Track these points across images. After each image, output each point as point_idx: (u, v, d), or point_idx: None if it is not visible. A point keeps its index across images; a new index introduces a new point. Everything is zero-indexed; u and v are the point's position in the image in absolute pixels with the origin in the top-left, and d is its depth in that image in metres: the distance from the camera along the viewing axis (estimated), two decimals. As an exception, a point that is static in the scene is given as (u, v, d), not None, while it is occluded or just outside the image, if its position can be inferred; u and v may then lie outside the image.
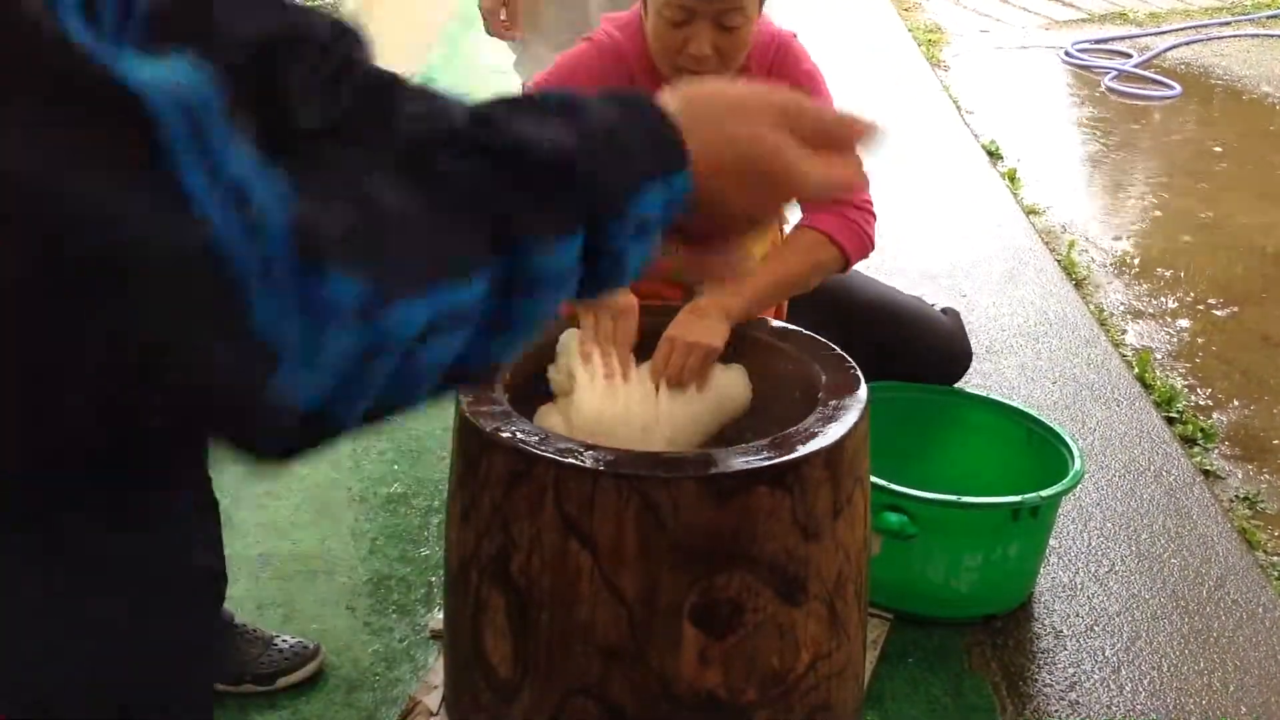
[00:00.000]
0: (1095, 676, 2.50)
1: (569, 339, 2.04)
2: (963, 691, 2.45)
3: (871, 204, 2.38)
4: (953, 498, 2.56)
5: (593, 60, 2.37)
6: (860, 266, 2.60)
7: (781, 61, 2.44)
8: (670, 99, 0.86)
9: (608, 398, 1.97)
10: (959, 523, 2.54)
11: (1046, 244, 4.71)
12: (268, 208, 0.64)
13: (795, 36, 2.50)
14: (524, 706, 1.81)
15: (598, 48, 2.40)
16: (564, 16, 3.21)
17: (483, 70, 6.77)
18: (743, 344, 2.12)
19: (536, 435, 1.76)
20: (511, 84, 6.38)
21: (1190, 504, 3.10)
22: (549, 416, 2.01)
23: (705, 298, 2.14)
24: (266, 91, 0.77)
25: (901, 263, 4.37)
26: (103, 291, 0.60)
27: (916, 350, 3.09)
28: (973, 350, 3.28)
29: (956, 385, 3.21)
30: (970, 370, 3.66)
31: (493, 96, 0.81)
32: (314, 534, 2.83)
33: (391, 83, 0.82)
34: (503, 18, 3.25)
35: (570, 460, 1.69)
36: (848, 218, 2.34)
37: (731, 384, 2.06)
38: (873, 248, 2.42)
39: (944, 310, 3.32)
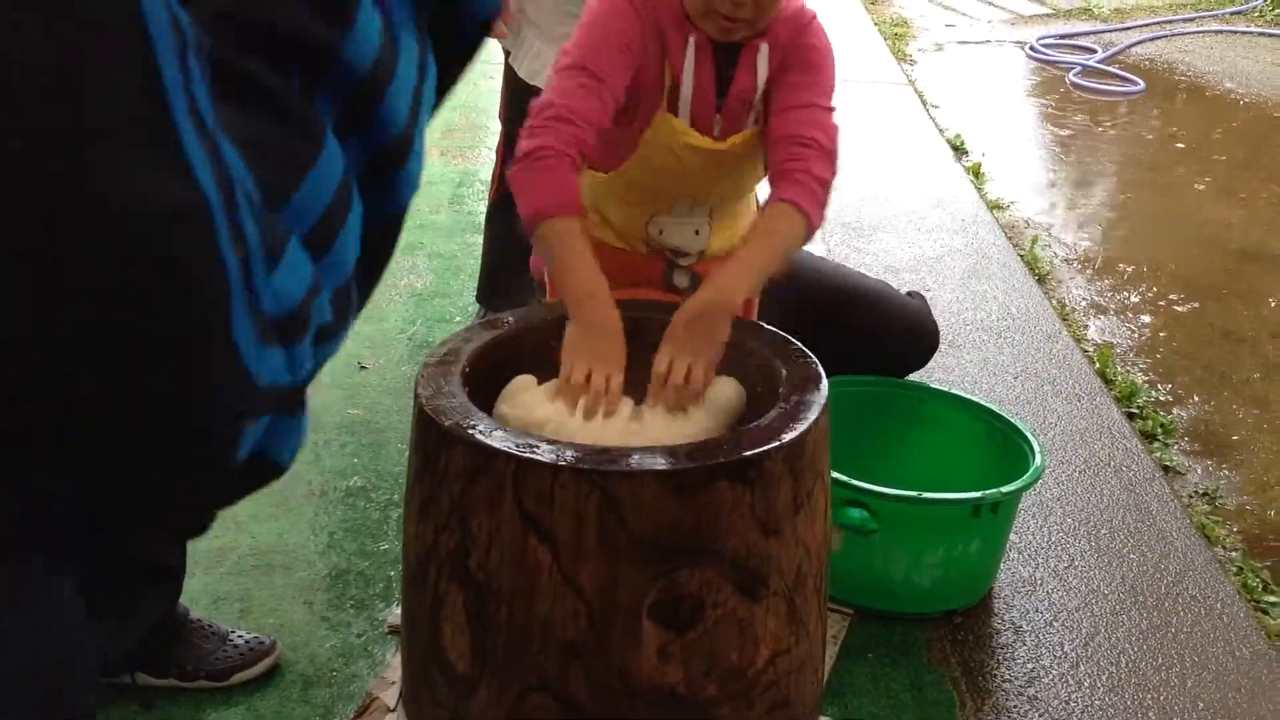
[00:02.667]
0: (1054, 671, 2.51)
1: (519, 388, 1.96)
2: (923, 686, 2.45)
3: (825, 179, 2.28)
4: (913, 494, 2.57)
5: (628, 17, 2.30)
6: (829, 256, 2.64)
7: (800, 34, 2.40)
8: None
9: (587, 431, 1.92)
10: (920, 518, 2.54)
11: (1010, 239, 4.73)
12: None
13: (817, 16, 2.47)
14: (482, 702, 1.80)
15: (630, 3, 2.31)
16: (562, 8, 3.20)
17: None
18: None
19: (496, 429, 1.74)
20: (474, 73, 6.35)
21: (1150, 499, 3.11)
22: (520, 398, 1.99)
23: (705, 290, 2.05)
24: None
25: (865, 257, 4.38)
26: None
27: (885, 334, 3.12)
28: (939, 333, 3.29)
29: (919, 379, 3.21)
30: (932, 365, 3.67)
31: None
32: (272, 528, 2.81)
33: None
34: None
35: (530, 455, 1.68)
36: (811, 188, 2.24)
37: (724, 396, 2.01)
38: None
39: (910, 294, 3.33)
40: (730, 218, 2.58)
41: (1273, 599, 2.80)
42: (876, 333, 3.10)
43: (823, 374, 1.92)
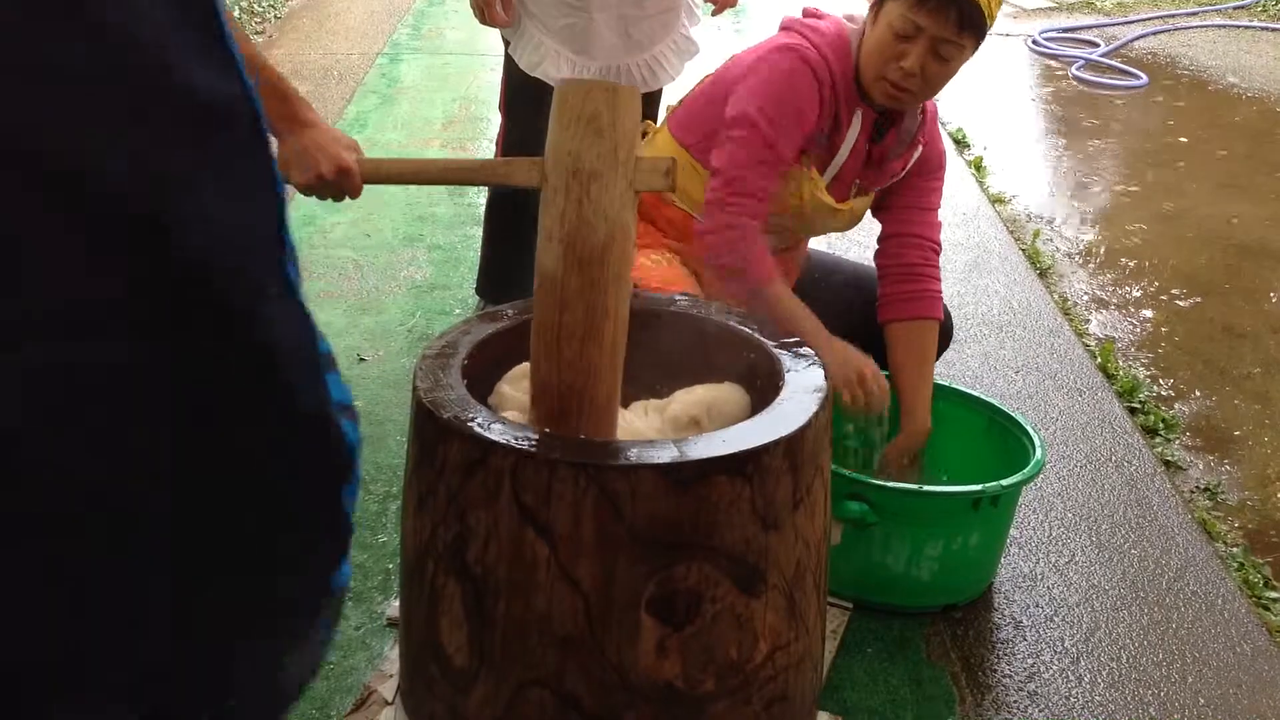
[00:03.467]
0: (1054, 667, 2.50)
1: (523, 373, 1.94)
2: (922, 681, 2.44)
3: None
4: (913, 486, 2.56)
5: (809, 87, 2.58)
6: (830, 250, 2.80)
7: (935, 136, 2.87)
8: None
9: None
10: (920, 512, 2.53)
11: (1012, 233, 4.71)
12: None
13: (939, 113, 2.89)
14: (479, 696, 1.79)
15: (812, 69, 2.57)
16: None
17: (450, 45, 6.74)
18: (707, 332, 2.10)
19: (494, 422, 1.74)
20: (474, 64, 6.34)
21: (1151, 495, 3.10)
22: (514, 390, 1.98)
23: (913, 429, 2.75)
24: None
25: (866, 251, 4.35)
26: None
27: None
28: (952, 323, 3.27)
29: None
30: (934, 359, 3.65)
31: None
32: (271, 519, 2.79)
33: None
34: (499, 8, 3.22)
35: (527, 448, 1.67)
36: (941, 297, 2.92)
37: (729, 402, 2.01)
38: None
39: None
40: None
41: (1274, 595, 2.80)
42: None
43: (823, 368, 1.91)
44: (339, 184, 2.16)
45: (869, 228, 3.13)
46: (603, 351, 1.78)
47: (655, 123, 3.51)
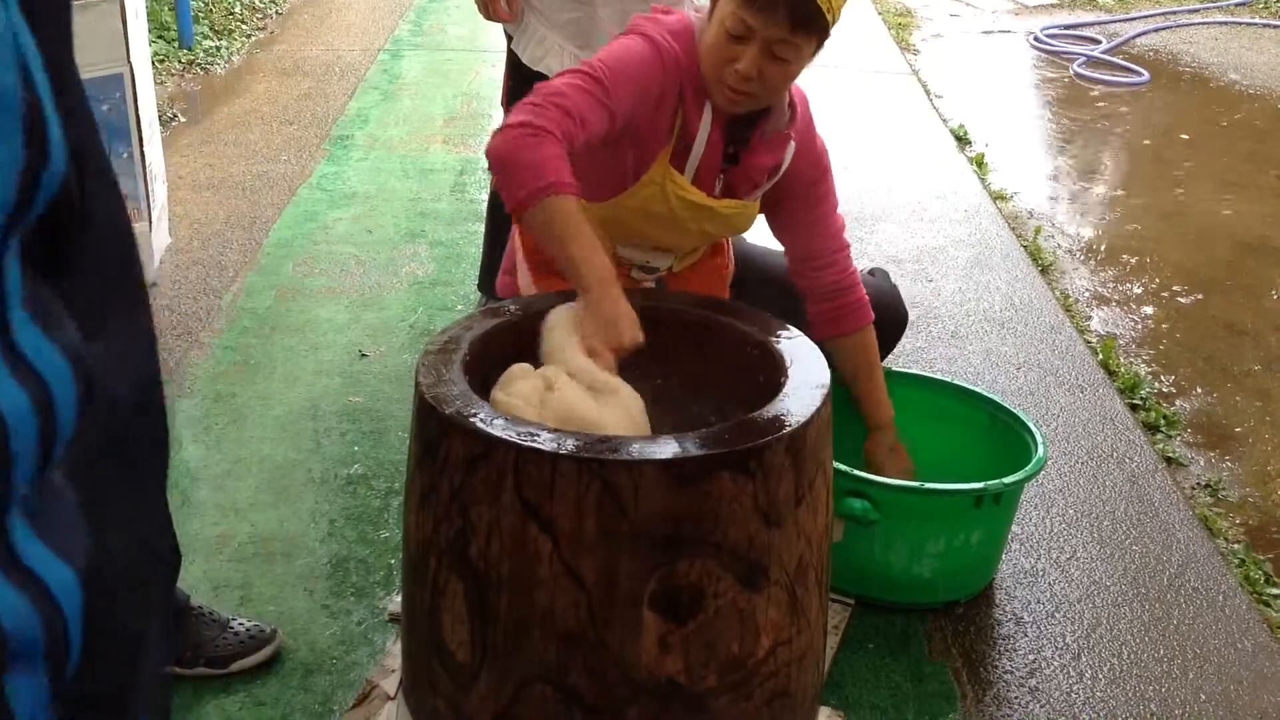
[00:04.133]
0: (1056, 663, 2.50)
1: (515, 375, 1.93)
2: (923, 677, 2.44)
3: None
4: (915, 484, 2.56)
5: (655, 67, 2.39)
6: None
7: (811, 133, 2.61)
8: None
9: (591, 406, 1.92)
10: (921, 509, 2.53)
11: (1013, 229, 4.71)
12: None
13: (809, 104, 2.65)
14: (482, 692, 1.79)
15: (660, 54, 2.40)
16: None
17: (451, 41, 6.74)
18: (709, 329, 2.10)
19: (496, 418, 1.74)
20: (476, 60, 6.34)
21: (1152, 491, 3.10)
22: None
23: (883, 426, 2.72)
24: None
25: (868, 247, 4.37)
26: None
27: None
28: (907, 312, 3.25)
29: (921, 370, 3.20)
30: (934, 355, 3.67)
31: None
32: (273, 515, 2.80)
33: None
34: (503, 3, 3.23)
35: (530, 443, 1.67)
36: (856, 300, 2.69)
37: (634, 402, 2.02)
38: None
39: (871, 272, 3.26)
40: (694, 254, 2.73)
41: (1275, 591, 2.80)
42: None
43: (826, 364, 1.92)
44: None
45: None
46: None
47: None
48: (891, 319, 3.04)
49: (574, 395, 1.88)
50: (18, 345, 0.63)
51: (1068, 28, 7.70)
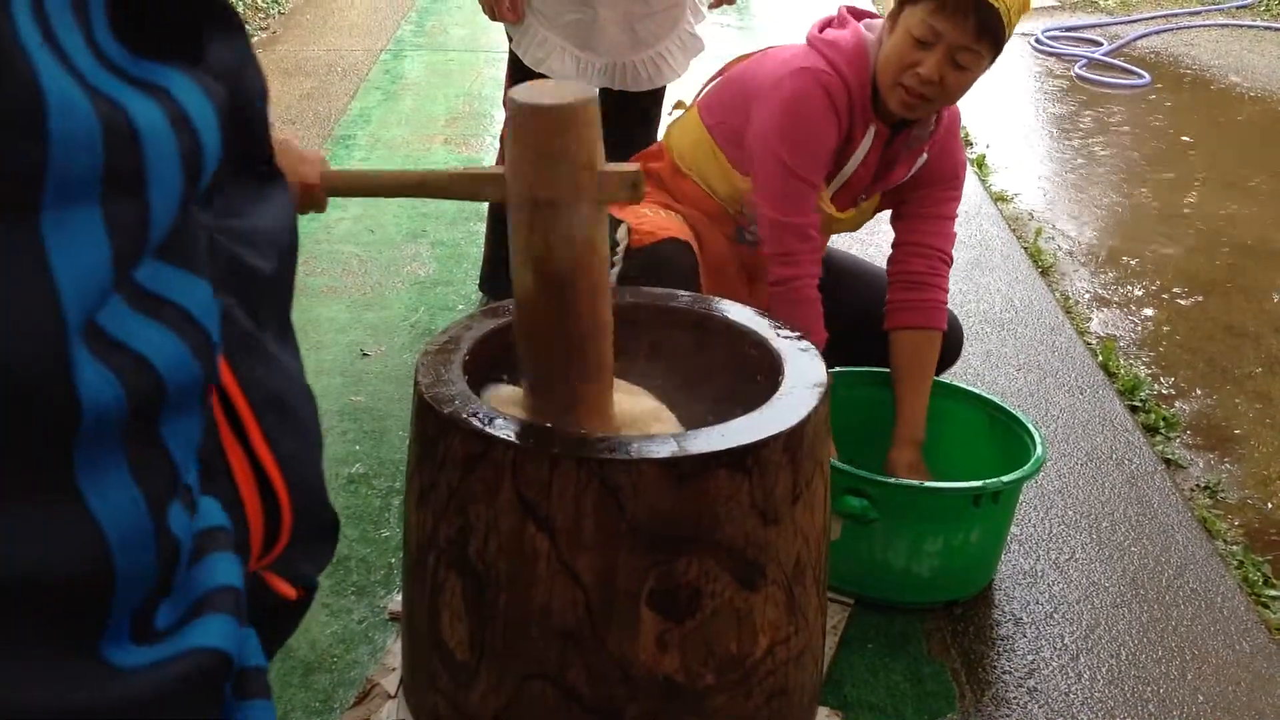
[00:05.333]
0: (1054, 664, 2.51)
1: (504, 398, 1.97)
2: (922, 677, 2.45)
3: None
4: (914, 483, 2.57)
5: (826, 106, 2.60)
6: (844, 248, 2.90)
7: (952, 142, 2.81)
8: None
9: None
10: (920, 508, 2.54)
11: (1014, 231, 4.72)
12: None
13: (960, 118, 2.86)
14: (481, 690, 1.80)
15: (828, 91, 2.59)
16: None
17: (453, 42, 6.74)
18: (707, 327, 2.11)
19: (495, 417, 1.74)
20: (478, 61, 6.34)
21: (1151, 492, 3.11)
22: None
23: (907, 436, 2.75)
24: None
25: (868, 248, 4.37)
26: None
27: None
28: (963, 340, 3.24)
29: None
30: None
31: None
32: (273, 514, 2.80)
33: None
34: (507, 4, 3.24)
35: (528, 442, 1.68)
36: (945, 309, 2.87)
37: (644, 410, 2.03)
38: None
39: None
40: None
41: (1273, 593, 2.80)
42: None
43: (823, 362, 1.92)
44: (302, 201, 2.11)
45: (882, 231, 3.14)
46: (586, 365, 1.78)
47: (658, 121, 3.53)
48: (952, 337, 3.10)
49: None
50: None
51: (1069, 30, 7.70)
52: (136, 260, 0.58)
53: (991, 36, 2.45)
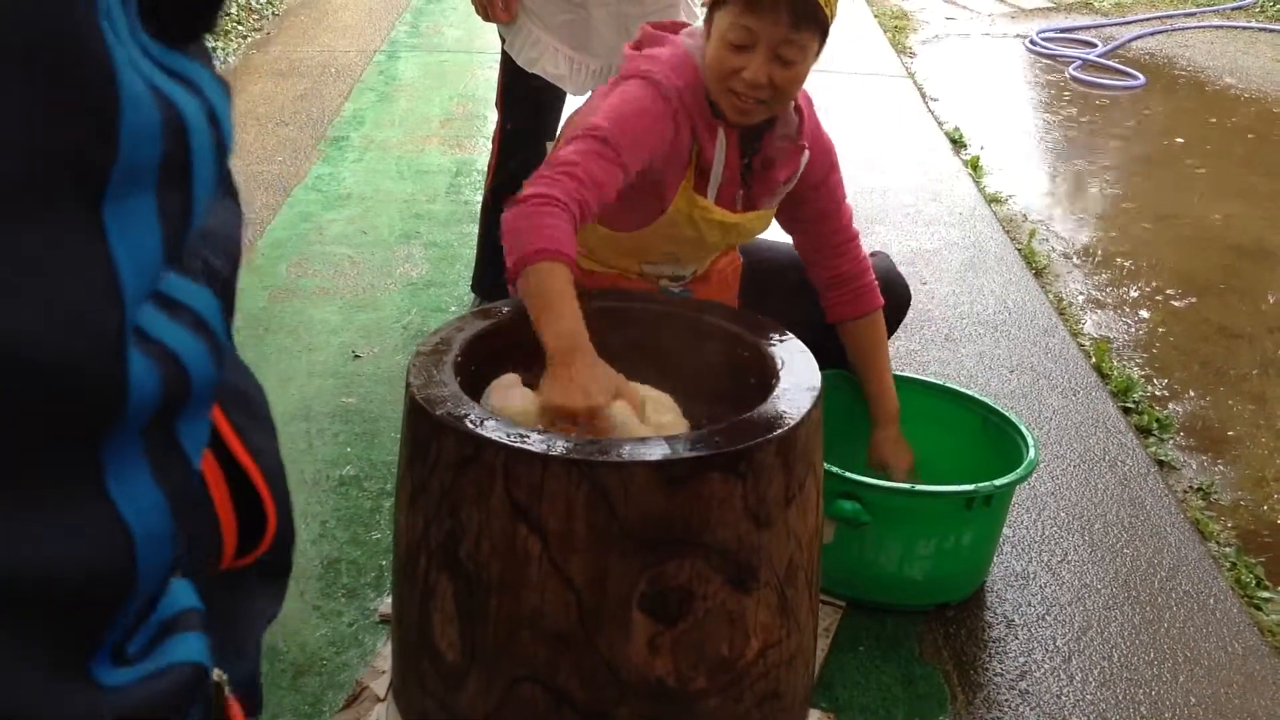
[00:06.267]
0: (1046, 666, 2.51)
1: (506, 384, 1.97)
2: (914, 680, 2.44)
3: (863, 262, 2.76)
4: (906, 485, 2.57)
5: (661, 110, 2.38)
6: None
7: (819, 134, 2.63)
8: None
9: None
10: (912, 510, 2.53)
11: (1008, 232, 4.72)
12: None
13: (813, 103, 2.68)
14: (471, 692, 1.79)
15: (663, 96, 2.39)
16: None
17: (448, 43, 6.74)
18: (700, 330, 2.10)
19: (487, 419, 1.74)
20: (472, 62, 6.33)
21: (1144, 494, 3.11)
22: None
23: (886, 419, 2.72)
24: None
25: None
26: None
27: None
28: (910, 290, 3.16)
29: (914, 373, 3.20)
30: (928, 358, 3.67)
31: None
32: (265, 515, 2.80)
33: None
34: (500, 5, 3.23)
35: (520, 444, 1.67)
36: (866, 285, 2.73)
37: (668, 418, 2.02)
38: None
39: (872, 254, 3.23)
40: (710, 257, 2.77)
41: (1266, 595, 2.80)
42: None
43: (816, 365, 1.92)
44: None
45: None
46: None
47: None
48: (895, 299, 3.03)
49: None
50: None
51: (1063, 31, 7.71)
52: (179, 250, 0.60)
53: (812, 23, 2.29)
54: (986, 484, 2.49)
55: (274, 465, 0.83)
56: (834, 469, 2.42)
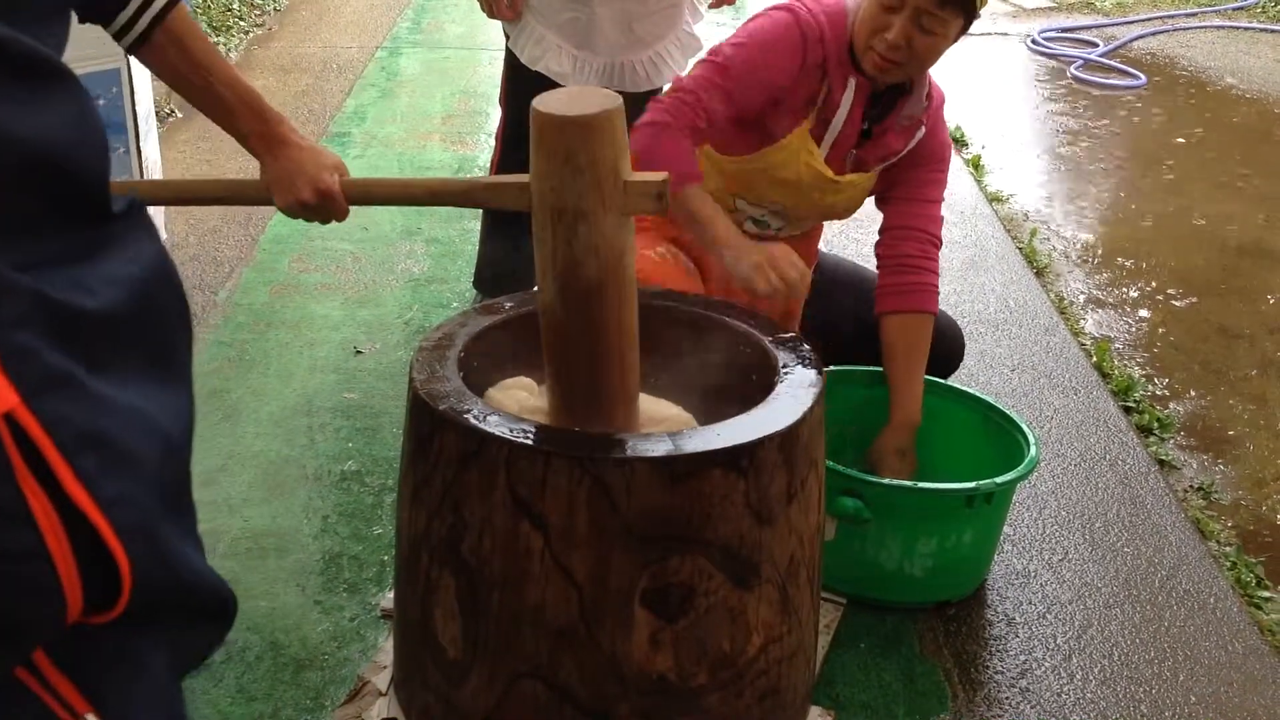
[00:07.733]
0: (1046, 664, 2.51)
1: (516, 384, 2.01)
2: (914, 677, 2.45)
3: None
4: (908, 483, 2.57)
5: (795, 37, 2.59)
6: (827, 249, 2.83)
7: (939, 125, 2.83)
8: None
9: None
10: (914, 508, 2.53)
11: (1009, 232, 4.72)
12: None
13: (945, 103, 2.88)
14: (473, 688, 1.79)
15: (801, 26, 2.59)
16: None
17: (450, 39, 6.73)
18: (703, 327, 2.11)
19: (490, 414, 1.74)
20: (474, 58, 6.33)
21: (1145, 493, 3.11)
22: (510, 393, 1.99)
23: (901, 420, 2.72)
24: None
25: (864, 248, 4.37)
26: None
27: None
28: (963, 342, 3.19)
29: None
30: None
31: None
32: (265, 511, 2.80)
33: None
34: (505, 2, 3.23)
35: (522, 440, 1.67)
36: (937, 292, 2.87)
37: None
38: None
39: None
40: (803, 225, 2.92)
41: (1266, 594, 2.80)
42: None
43: (818, 363, 1.92)
44: (323, 207, 2.10)
45: (869, 226, 3.13)
46: (610, 375, 1.79)
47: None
48: (946, 347, 3.05)
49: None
50: None
51: (1065, 31, 7.70)
52: None
53: (955, 3, 2.48)
54: (988, 482, 2.49)
55: (134, 514, 0.78)
56: (836, 466, 2.42)
